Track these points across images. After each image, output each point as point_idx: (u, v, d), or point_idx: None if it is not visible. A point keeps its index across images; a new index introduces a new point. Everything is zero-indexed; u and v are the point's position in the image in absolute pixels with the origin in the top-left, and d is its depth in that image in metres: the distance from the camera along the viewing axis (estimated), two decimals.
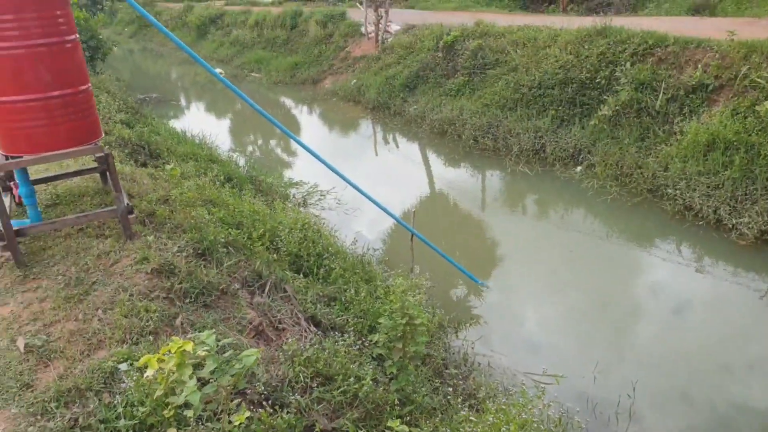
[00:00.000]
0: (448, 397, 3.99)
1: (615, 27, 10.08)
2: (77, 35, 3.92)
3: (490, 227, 7.99)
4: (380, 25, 15.56)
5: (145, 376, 2.56)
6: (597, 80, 9.51)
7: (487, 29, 12.51)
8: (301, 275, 5.09)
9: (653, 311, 5.79)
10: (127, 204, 4.18)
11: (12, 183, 4.43)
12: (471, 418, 3.50)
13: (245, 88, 17.04)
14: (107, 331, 3.22)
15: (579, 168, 8.93)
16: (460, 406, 3.84)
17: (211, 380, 2.62)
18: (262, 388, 3.17)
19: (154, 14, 34.95)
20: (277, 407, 3.10)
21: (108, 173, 4.61)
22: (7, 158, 3.89)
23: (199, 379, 2.54)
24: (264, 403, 3.11)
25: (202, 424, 2.67)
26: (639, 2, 14.49)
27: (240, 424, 2.59)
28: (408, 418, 3.60)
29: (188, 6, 32.64)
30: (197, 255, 4.24)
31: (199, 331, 3.35)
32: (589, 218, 7.98)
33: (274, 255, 5.14)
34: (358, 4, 20.64)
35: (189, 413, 2.50)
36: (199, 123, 13.25)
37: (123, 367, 2.78)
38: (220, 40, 25.47)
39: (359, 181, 5.90)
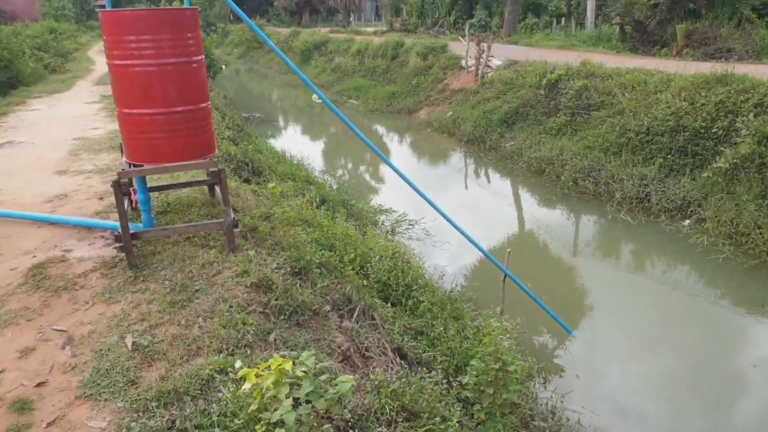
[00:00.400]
0: None
1: (737, 74, 9.46)
2: (203, 56, 4.16)
3: (582, 274, 7.62)
4: (481, 60, 15.56)
5: (242, 389, 2.58)
6: (713, 130, 8.92)
7: (593, 70, 12.17)
8: (389, 304, 5.05)
9: (761, 387, 5.23)
10: (233, 218, 4.34)
11: (131, 189, 4.72)
12: None
13: (343, 114, 17.55)
14: (206, 339, 3.30)
15: (687, 222, 8.36)
16: None
17: (305, 401, 2.60)
18: (349, 415, 3.12)
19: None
20: None
21: (217, 187, 4.86)
22: (130, 165, 4.17)
23: (293, 399, 2.53)
24: (350, 431, 3.05)
25: None
26: (764, 49, 13.57)
27: None
28: None
29: (295, 32, 34.41)
30: (293, 273, 4.30)
31: (291, 350, 3.38)
32: (695, 277, 7.42)
33: (364, 281, 5.14)
34: (460, 38, 20.83)
35: None
36: (296, 144, 13.77)
37: (238, 364, 2.83)
38: (323, 66, 26.52)
39: (446, 212, 5.83)
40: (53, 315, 3.54)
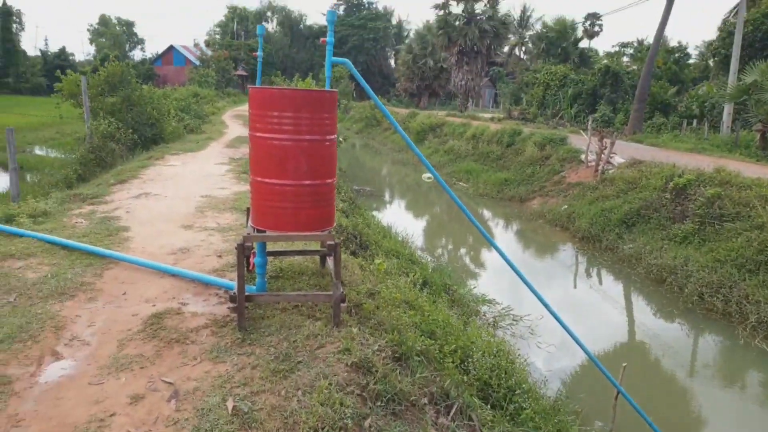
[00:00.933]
0: None
1: None
2: (336, 135, 4.34)
3: (701, 400, 6.79)
4: (602, 155, 15.15)
5: None
6: None
7: (728, 178, 11.38)
8: (489, 406, 4.73)
9: None
10: (341, 292, 4.35)
11: (251, 252, 4.92)
12: None
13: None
14: (303, 414, 3.23)
15: None
16: None
17: None
18: None
19: (381, 115, 38.89)
20: None
21: (329, 259, 4.94)
22: (254, 230, 4.36)
23: None
24: None
25: None
26: None
27: None
28: None
29: (413, 113, 35.82)
30: (394, 358, 4.18)
31: None
32: None
33: (464, 376, 4.89)
34: (581, 132, 20.55)
35: None
36: (401, 220, 13.92)
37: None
38: (436, 146, 27.16)
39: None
40: (164, 366, 3.66)
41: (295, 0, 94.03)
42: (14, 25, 59.35)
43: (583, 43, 47.36)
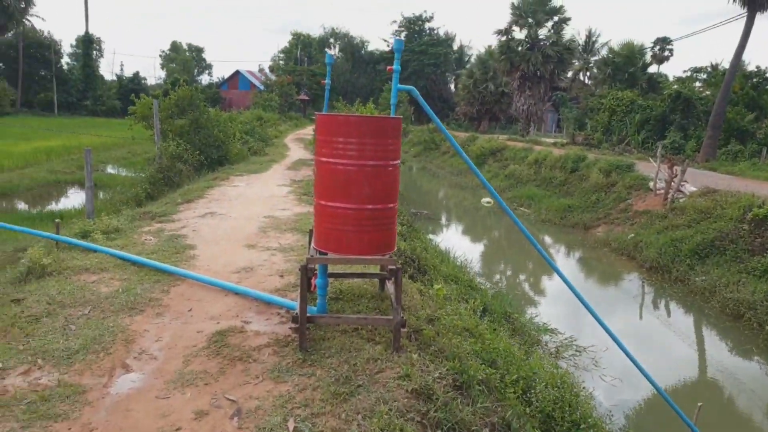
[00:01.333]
0: None
1: None
2: (399, 161, 4.35)
3: None
4: (673, 183, 14.54)
5: None
6: None
7: None
8: None
9: None
10: (402, 317, 4.31)
11: (313, 273, 4.96)
12: None
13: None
14: None
15: None
16: None
17: None
18: None
19: (441, 139, 38.91)
20: None
21: (388, 283, 4.92)
22: (317, 252, 4.40)
23: None
24: None
25: None
26: None
27: None
28: None
29: (473, 136, 35.68)
30: (455, 386, 4.09)
31: None
32: None
33: (526, 408, 4.73)
34: (650, 158, 19.85)
35: None
36: (458, 244, 13.75)
37: None
38: (496, 171, 26.86)
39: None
40: (227, 383, 3.72)
41: (357, 26, 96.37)
42: (94, 52, 63.39)
43: (652, 68, 46.03)
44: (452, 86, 68.68)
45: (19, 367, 3.81)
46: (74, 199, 17.49)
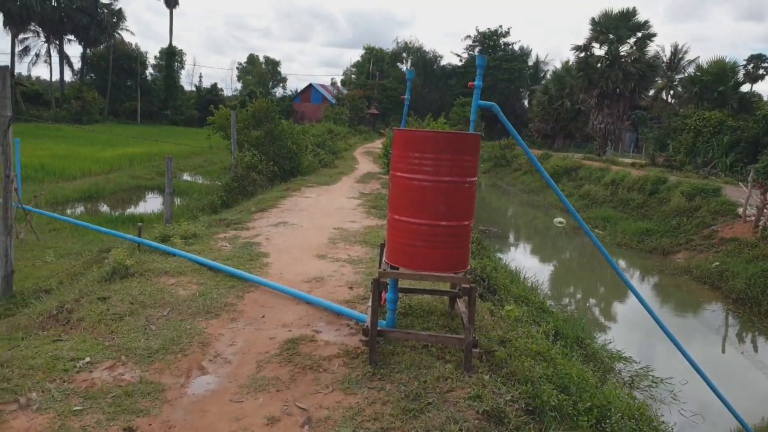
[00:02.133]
0: None
1: None
2: (477, 178, 4.28)
3: None
4: (765, 210, 13.59)
5: None
6: None
7: None
8: None
9: None
10: (474, 337, 4.21)
11: (384, 287, 4.96)
12: None
13: (586, 242, 16.77)
14: None
15: None
16: None
17: None
18: None
19: (513, 155, 38.25)
20: None
21: (459, 301, 4.84)
22: (389, 266, 4.38)
23: None
24: None
25: None
26: None
27: None
28: None
29: (546, 154, 34.89)
30: (527, 411, 3.95)
31: None
32: None
33: None
34: (740, 183, 18.68)
35: None
36: (528, 264, 13.38)
37: None
38: (570, 190, 26.05)
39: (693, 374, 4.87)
40: (298, 391, 3.76)
41: (430, 40, 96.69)
42: (176, 64, 66.92)
43: (744, 87, 43.25)
44: (525, 102, 67.53)
45: (105, 362, 4.01)
46: (152, 203, 18.44)
